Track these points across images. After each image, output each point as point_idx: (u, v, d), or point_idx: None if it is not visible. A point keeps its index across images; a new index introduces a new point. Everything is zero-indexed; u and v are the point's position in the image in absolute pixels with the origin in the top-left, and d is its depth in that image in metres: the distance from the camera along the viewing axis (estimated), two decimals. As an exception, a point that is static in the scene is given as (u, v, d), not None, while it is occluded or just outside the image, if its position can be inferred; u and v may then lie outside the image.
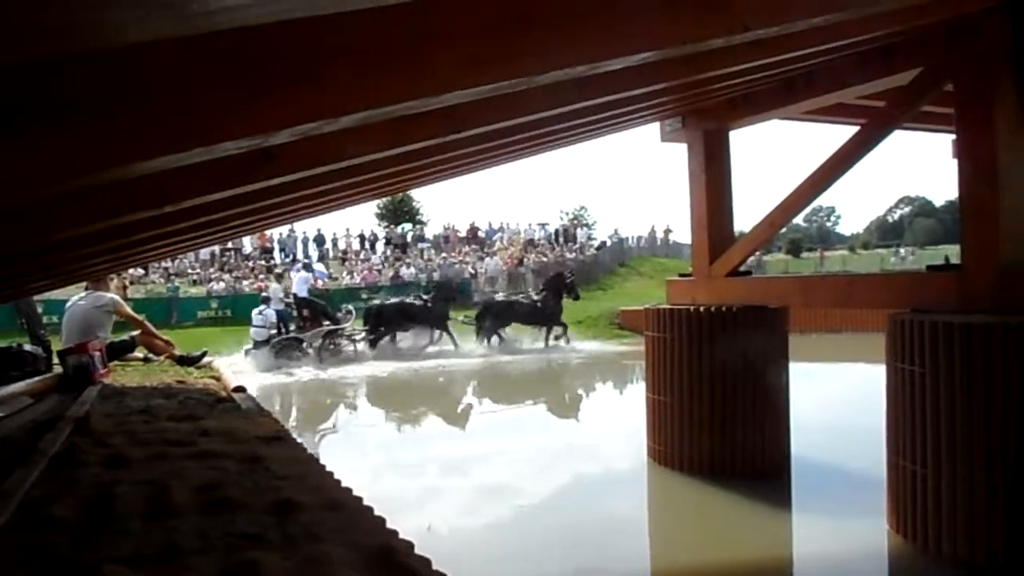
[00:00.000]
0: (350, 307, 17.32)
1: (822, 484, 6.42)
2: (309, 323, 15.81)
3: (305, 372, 14.46)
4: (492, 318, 16.94)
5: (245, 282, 26.46)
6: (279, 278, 19.99)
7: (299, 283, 16.13)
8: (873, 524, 5.08)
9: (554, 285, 17.67)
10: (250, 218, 3.20)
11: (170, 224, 2.45)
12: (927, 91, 5.17)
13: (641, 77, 2.23)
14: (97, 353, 5.45)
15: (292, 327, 15.90)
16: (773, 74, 5.32)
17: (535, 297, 17.71)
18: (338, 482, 2.96)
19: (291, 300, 16.26)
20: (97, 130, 1.20)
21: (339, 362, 15.36)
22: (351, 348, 16.13)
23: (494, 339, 16.84)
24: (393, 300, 17.35)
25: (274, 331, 15.57)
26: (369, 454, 8.62)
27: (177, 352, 6.78)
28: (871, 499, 5.25)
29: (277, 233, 31.29)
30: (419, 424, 10.61)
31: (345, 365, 15.14)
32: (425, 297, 16.98)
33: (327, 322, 15.90)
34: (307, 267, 17.59)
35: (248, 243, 30.03)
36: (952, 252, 18.49)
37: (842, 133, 6.26)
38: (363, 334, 16.33)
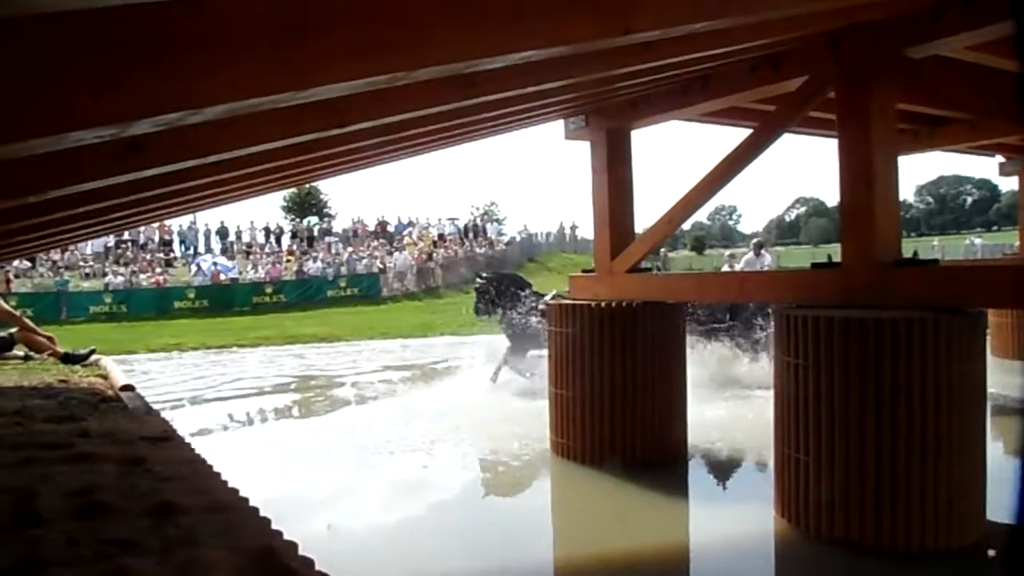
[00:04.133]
0: None
1: (717, 472, 6.68)
2: None
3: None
4: None
5: (143, 276, 25.29)
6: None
7: None
8: (761, 510, 5.32)
9: None
10: (127, 211, 3.06)
11: (37, 216, 2.31)
12: (812, 98, 5.44)
13: (527, 77, 2.26)
14: (-32, 352, 5.12)
15: None
16: (669, 76, 5.48)
17: None
18: (225, 483, 2.88)
19: None
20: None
21: None
22: None
23: None
24: None
25: None
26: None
27: (60, 349, 6.43)
28: (762, 486, 5.49)
29: (177, 225, 30.11)
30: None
31: None
32: None
33: None
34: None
35: (145, 235, 28.74)
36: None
37: (738, 135, 6.49)
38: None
